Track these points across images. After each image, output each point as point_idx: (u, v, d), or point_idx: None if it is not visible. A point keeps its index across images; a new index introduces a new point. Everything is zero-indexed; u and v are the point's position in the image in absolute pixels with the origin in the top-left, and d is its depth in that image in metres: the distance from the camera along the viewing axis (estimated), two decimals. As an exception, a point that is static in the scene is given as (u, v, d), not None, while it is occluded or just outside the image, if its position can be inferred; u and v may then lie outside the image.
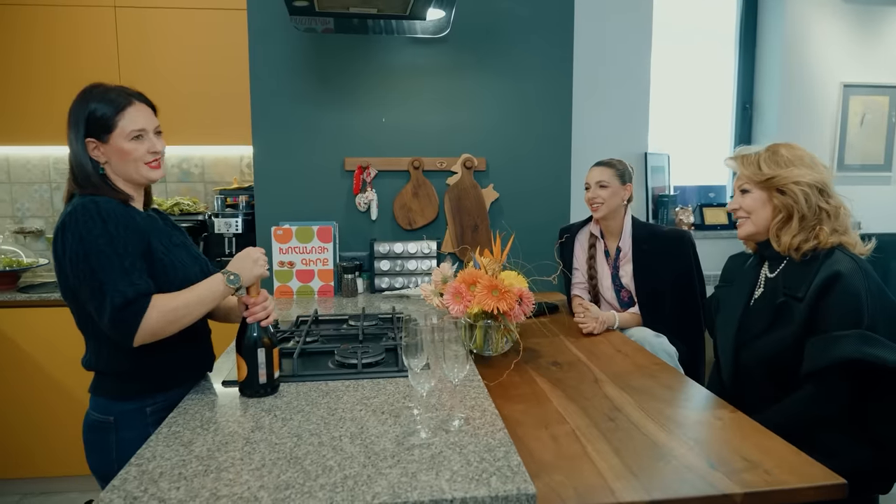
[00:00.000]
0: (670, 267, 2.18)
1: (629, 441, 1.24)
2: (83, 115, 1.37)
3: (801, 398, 1.50)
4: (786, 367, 1.54)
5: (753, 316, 1.66)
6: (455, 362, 1.23)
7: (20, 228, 3.06)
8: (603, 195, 2.22)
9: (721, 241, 3.44)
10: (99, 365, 1.40)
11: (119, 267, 1.27)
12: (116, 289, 1.25)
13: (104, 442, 1.40)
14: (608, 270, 2.30)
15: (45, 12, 2.75)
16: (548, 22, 2.71)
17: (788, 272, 1.60)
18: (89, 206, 1.31)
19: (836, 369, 1.44)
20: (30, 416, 2.64)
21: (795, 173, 1.59)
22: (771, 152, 1.65)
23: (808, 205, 1.58)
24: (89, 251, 1.27)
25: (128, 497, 0.94)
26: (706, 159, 3.75)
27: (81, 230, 1.28)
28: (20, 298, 2.60)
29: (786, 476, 1.08)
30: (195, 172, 3.18)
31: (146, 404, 1.40)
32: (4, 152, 3.07)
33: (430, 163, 2.69)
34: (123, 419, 1.39)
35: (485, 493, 0.95)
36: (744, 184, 1.69)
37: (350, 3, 1.83)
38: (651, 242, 2.21)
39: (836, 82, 3.50)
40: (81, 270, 1.27)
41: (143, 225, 1.38)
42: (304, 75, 2.61)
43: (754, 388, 1.64)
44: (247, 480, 0.99)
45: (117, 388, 1.40)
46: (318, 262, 2.51)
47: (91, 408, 1.43)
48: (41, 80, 2.77)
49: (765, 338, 1.60)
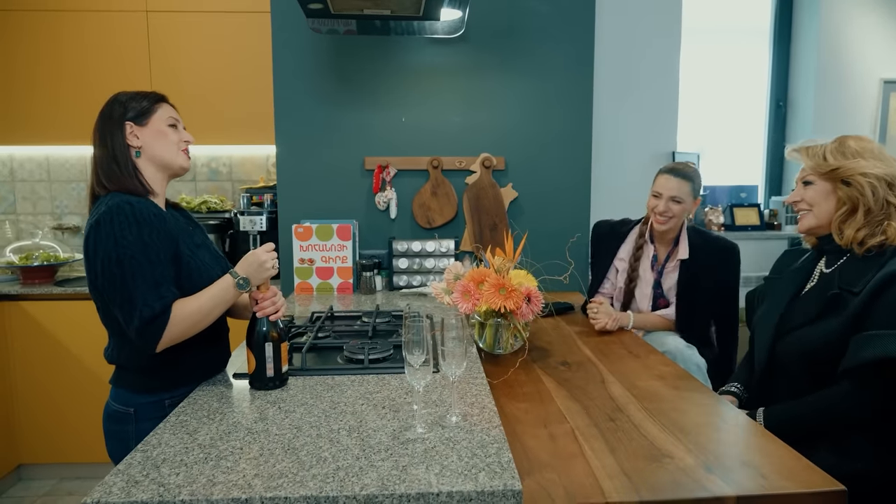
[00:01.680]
0: (715, 277, 2.10)
1: (627, 442, 1.23)
2: (122, 106, 1.45)
3: (835, 394, 1.45)
4: (825, 362, 1.48)
5: (800, 306, 1.60)
6: (453, 359, 1.24)
7: (58, 224, 3.21)
8: (675, 210, 2.08)
9: (752, 241, 3.35)
10: (121, 360, 1.45)
11: (150, 277, 1.31)
12: (146, 302, 1.29)
13: (123, 432, 1.45)
14: (651, 277, 2.20)
15: (78, 17, 2.87)
16: (569, 20, 2.70)
17: (847, 267, 1.53)
18: (125, 207, 1.34)
19: (876, 369, 1.38)
20: (65, 404, 2.77)
21: (862, 164, 1.53)
22: (838, 143, 1.59)
23: (875, 198, 1.51)
24: (122, 256, 1.30)
25: (129, 481, 0.99)
26: (738, 159, 3.67)
27: (116, 232, 1.31)
28: (56, 292, 2.72)
29: (783, 481, 1.06)
30: (223, 171, 3.28)
31: (164, 397, 1.45)
32: (45, 152, 3.22)
33: (450, 162, 2.71)
34: (143, 411, 1.44)
35: (471, 488, 0.97)
36: (807, 175, 1.62)
37: (364, 5, 1.86)
38: (702, 250, 2.12)
39: (876, 78, 3.38)
40: (113, 274, 1.30)
41: (173, 228, 1.42)
42: (326, 76, 2.66)
43: (787, 381, 1.58)
44: (243, 469, 1.03)
45: (138, 381, 1.45)
46: (337, 259, 2.56)
47: (112, 398, 1.48)
48: (77, 83, 2.90)
49: (809, 328, 1.53)
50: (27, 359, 2.76)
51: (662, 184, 2.10)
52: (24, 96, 2.90)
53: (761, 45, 3.56)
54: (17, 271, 2.86)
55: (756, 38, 3.56)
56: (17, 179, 3.23)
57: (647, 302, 2.21)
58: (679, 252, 2.16)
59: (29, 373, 2.76)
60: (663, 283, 2.18)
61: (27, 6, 2.85)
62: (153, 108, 1.47)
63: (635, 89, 3.15)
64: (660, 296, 2.19)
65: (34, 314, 2.73)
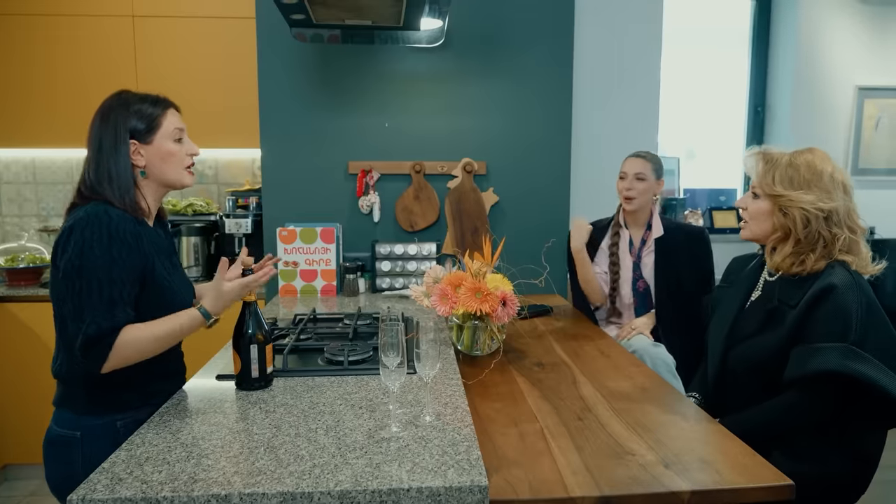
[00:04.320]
0: (690, 261, 2.26)
1: (593, 440, 1.29)
2: (126, 116, 1.36)
3: (782, 404, 1.53)
4: (770, 373, 1.56)
5: (746, 318, 1.67)
6: (427, 360, 1.30)
7: (44, 227, 3.23)
8: (640, 188, 2.26)
9: (730, 244, 3.43)
10: (68, 374, 1.37)
11: (107, 295, 1.25)
12: (94, 319, 1.23)
13: (68, 456, 1.36)
14: (630, 260, 2.34)
15: (70, 22, 2.90)
16: (548, 26, 2.76)
17: (787, 278, 1.60)
18: (102, 217, 1.29)
19: (821, 380, 1.44)
20: (47, 405, 2.78)
21: (804, 199, 1.52)
22: (792, 167, 1.57)
23: (808, 231, 1.53)
24: (83, 267, 1.25)
25: (114, 478, 1.03)
26: (717, 162, 3.75)
27: (85, 241, 1.26)
28: (42, 293, 2.75)
29: (736, 476, 1.13)
30: (209, 174, 3.31)
31: (116, 419, 1.36)
32: (31, 155, 3.23)
33: (432, 166, 2.77)
34: (91, 433, 1.35)
35: (440, 484, 1.02)
36: (755, 187, 1.64)
37: (345, 15, 1.91)
38: (674, 234, 2.29)
39: (851, 85, 3.47)
40: (72, 283, 1.25)
41: (148, 248, 1.37)
42: (310, 82, 2.71)
43: (738, 389, 1.66)
44: (223, 467, 1.07)
45: (85, 401, 1.36)
46: (321, 262, 2.60)
47: (54, 422, 1.39)
48: (66, 86, 2.92)
49: (753, 341, 1.61)
50: (13, 360, 2.77)
51: (627, 166, 2.31)
52: (14, 99, 2.92)
53: (741, 51, 3.64)
54: (3, 273, 2.88)
55: (737, 43, 3.64)
56: (3, 182, 3.25)
57: (628, 285, 2.34)
58: (653, 232, 2.31)
59: (14, 374, 2.78)
60: (642, 267, 2.32)
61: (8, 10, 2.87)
62: (160, 119, 1.39)
63: (616, 93, 3.21)
64: (638, 277, 2.32)
65: (20, 316, 2.75)
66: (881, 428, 1.53)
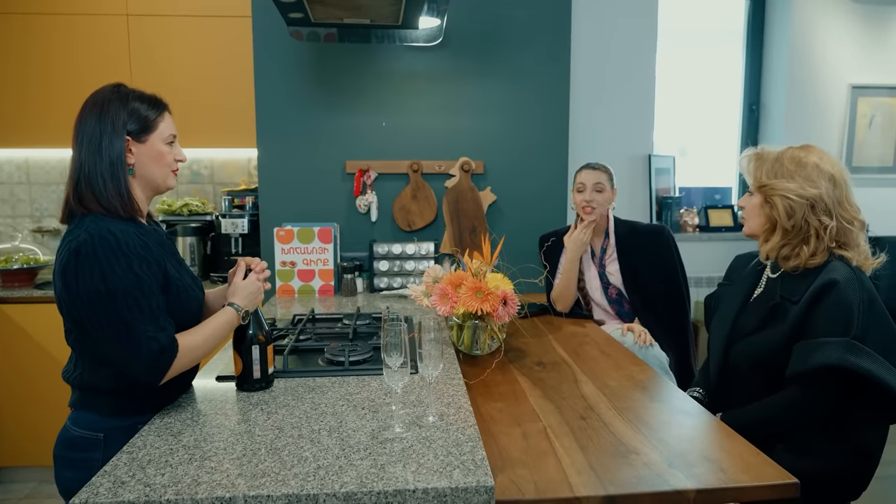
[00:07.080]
0: (653, 261, 2.27)
1: (597, 439, 1.29)
2: (123, 112, 1.32)
3: (783, 399, 1.53)
4: (773, 368, 1.56)
5: (749, 314, 1.67)
6: (430, 360, 1.29)
7: (38, 227, 3.20)
8: (599, 199, 2.27)
9: (725, 243, 3.45)
10: (92, 383, 1.33)
11: (148, 311, 1.25)
12: (148, 335, 1.23)
13: (88, 460, 1.31)
14: (595, 270, 2.35)
15: (65, 21, 2.87)
16: (545, 25, 2.76)
17: (789, 275, 1.60)
18: (107, 236, 1.25)
19: (821, 375, 1.45)
20: (46, 406, 2.76)
21: (785, 186, 1.54)
22: (778, 161, 1.60)
23: (792, 220, 1.54)
24: (114, 291, 1.22)
25: (116, 481, 1.02)
26: (713, 161, 3.77)
27: (103, 265, 1.22)
28: (37, 294, 2.72)
29: (740, 474, 1.13)
30: (205, 174, 3.29)
31: (138, 421, 1.30)
32: (25, 155, 3.20)
33: (429, 166, 2.76)
34: (114, 436, 1.30)
35: (446, 485, 1.02)
36: (750, 184, 1.67)
37: (343, 14, 1.90)
38: (633, 238, 2.31)
39: (845, 83, 3.49)
40: (105, 310, 1.22)
41: (157, 253, 1.34)
42: (307, 81, 2.69)
43: (741, 385, 1.66)
44: (227, 469, 1.07)
45: (110, 404, 1.34)
46: (318, 262, 2.59)
47: (72, 422, 1.35)
48: (63, 86, 2.89)
49: (756, 337, 1.61)
50: (7, 362, 2.75)
51: (583, 177, 2.30)
52: (11, 99, 2.89)
53: (736, 50, 3.65)
54: (-3, 274, 2.85)
55: (731, 41, 3.65)
56: (-4, 182, 3.22)
57: (598, 293, 2.35)
58: (612, 239, 2.33)
59: (9, 375, 2.75)
60: (609, 275, 2.33)
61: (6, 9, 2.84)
62: (156, 121, 1.37)
63: (612, 92, 3.22)
64: (608, 284, 2.33)
65: (14, 317, 2.72)
66: (882, 423, 1.54)
